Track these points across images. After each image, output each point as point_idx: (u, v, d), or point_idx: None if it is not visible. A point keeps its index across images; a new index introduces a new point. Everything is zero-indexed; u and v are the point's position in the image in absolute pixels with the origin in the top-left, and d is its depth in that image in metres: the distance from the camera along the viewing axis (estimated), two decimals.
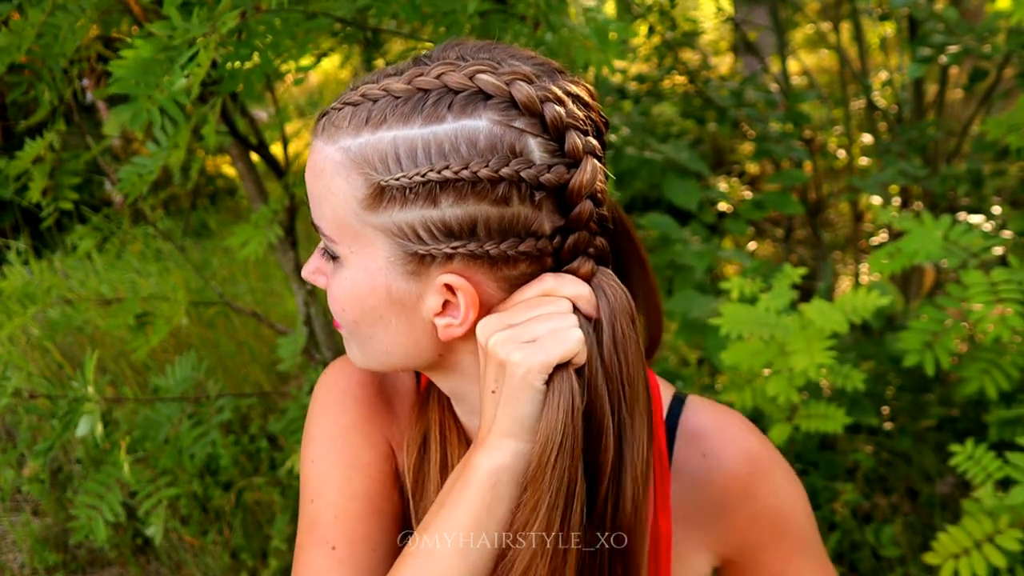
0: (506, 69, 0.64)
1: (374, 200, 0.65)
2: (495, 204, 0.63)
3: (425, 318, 0.69)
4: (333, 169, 0.66)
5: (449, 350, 0.72)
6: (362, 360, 0.75)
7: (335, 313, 0.72)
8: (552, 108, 0.64)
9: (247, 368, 3.15)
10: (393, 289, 0.68)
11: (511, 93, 0.63)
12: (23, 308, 1.79)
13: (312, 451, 0.83)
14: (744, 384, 1.70)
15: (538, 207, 0.65)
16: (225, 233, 4.24)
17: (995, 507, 1.46)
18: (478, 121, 0.63)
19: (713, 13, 4.70)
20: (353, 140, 0.65)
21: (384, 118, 0.64)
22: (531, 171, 0.63)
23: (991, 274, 1.57)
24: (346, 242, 0.68)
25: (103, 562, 2.56)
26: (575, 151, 0.64)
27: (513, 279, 0.67)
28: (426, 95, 0.64)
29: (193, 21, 1.10)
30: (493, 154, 0.63)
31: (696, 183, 2.80)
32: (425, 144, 0.63)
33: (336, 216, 0.67)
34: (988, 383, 1.66)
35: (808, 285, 3.20)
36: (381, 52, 2.65)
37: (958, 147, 3.14)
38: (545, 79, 0.66)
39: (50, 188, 1.82)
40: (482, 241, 0.64)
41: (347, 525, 0.79)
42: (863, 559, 2.18)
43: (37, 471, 2.77)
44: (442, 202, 0.63)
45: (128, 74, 1.10)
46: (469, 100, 0.63)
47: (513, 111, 0.63)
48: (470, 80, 0.63)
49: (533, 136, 0.64)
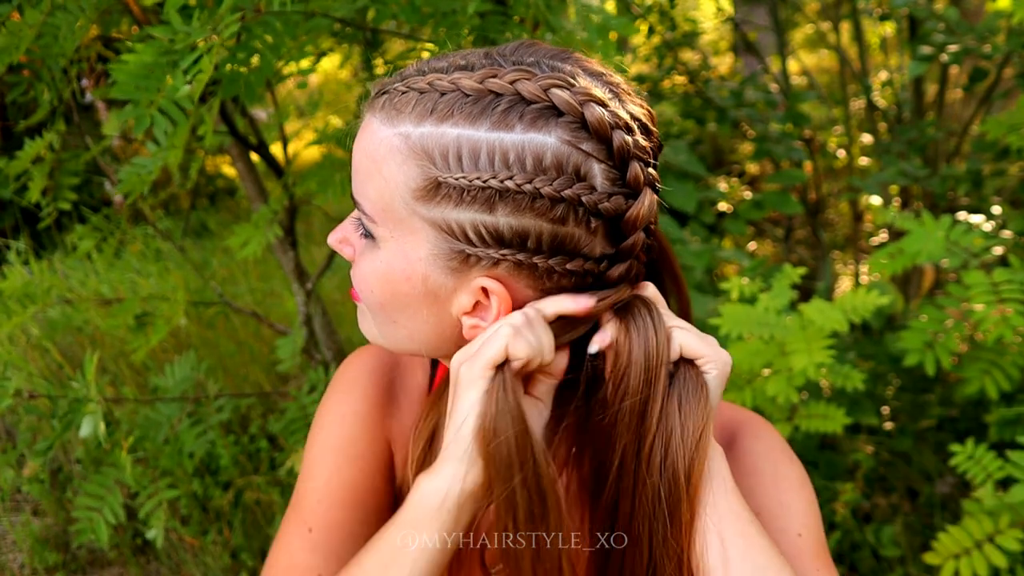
0: (580, 88, 0.63)
1: (428, 193, 0.64)
2: (551, 222, 0.63)
3: (453, 314, 0.69)
4: (388, 153, 0.65)
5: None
6: (377, 337, 0.75)
7: (360, 290, 0.72)
8: (620, 136, 0.63)
9: (247, 368, 3.15)
10: (430, 281, 0.67)
11: (584, 114, 0.62)
12: (23, 308, 1.79)
13: (315, 432, 0.86)
14: (744, 384, 1.70)
15: (593, 232, 0.65)
16: (225, 233, 4.25)
17: (995, 507, 1.46)
18: (547, 137, 0.62)
19: (713, 13, 4.70)
20: (415, 128, 0.64)
21: (451, 113, 0.63)
22: (592, 197, 0.63)
23: (993, 274, 1.57)
24: (387, 226, 0.67)
25: (103, 562, 2.56)
26: (636, 182, 0.64)
27: (552, 291, 0.68)
28: (497, 99, 0.63)
29: (194, 24, 1.10)
30: (558, 174, 0.62)
31: (694, 186, 2.81)
32: (490, 149, 0.62)
33: (382, 199, 0.66)
34: (989, 383, 1.66)
35: (808, 285, 3.20)
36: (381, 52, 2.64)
37: (958, 147, 3.14)
38: (616, 102, 0.65)
39: (50, 188, 1.82)
40: (531, 253, 0.64)
41: (328, 511, 0.81)
42: (863, 559, 2.18)
43: (37, 471, 2.77)
44: (499, 210, 0.63)
45: (129, 79, 1.10)
46: (541, 114, 0.62)
47: (583, 133, 0.63)
48: (544, 93, 0.62)
49: (598, 162, 0.63)
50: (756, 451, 0.82)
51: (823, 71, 5.76)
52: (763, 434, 0.83)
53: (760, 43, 4.42)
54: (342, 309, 3.48)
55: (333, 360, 2.16)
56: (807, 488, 0.81)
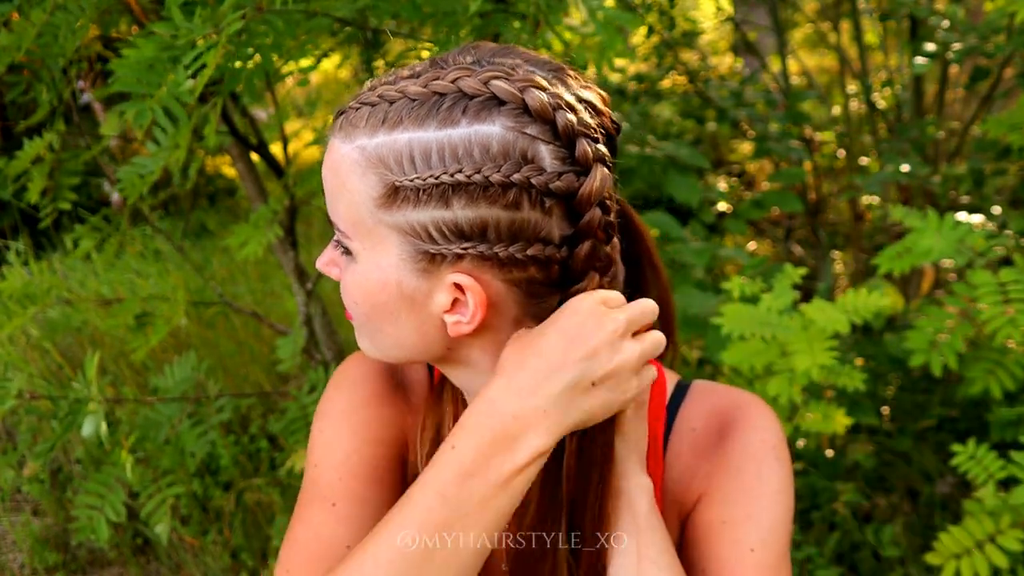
0: (520, 76, 0.65)
1: (388, 199, 0.66)
2: (505, 208, 0.64)
3: (434, 314, 0.70)
4: (349, 167, 0.67)
5: (457, 345, 0.73)
6: (373, 351, 0.76)
7: (348, 305, 0.74)
8: (564, 116, 0.65)
9: (247, 368, 3.15)
10: (404, 285, 0.69)
11: (524, 100, 0.64)
12: (23, 308, 1.79)
13: (321, 422, 0.85)
14: (745, 384, 1.70)
15: (548, 213, 0.66)
16: (225, 233, 4.24)
17: (997, 507, 1.46)
18: (491, 127, 0.64)
19: (713, 13, 4.70)
20: (369, 140, 0.66)
21: (400, 119, 0.65)
22: (541, 178, 0.64)
23: (999, 274, 1.57)
24: (359, 238, 0.69)
25: (103, 562, 2.55)
26: (585, 159, 0.65)
27: (523, 282, 0.68)
28: (441, 99, 0.65)
29: (195, 21, 1.10)
30: (505, 160, 0.64)
31: (697, 179, 2.81)
32: (439, 147, 0.64)
33: (351, 213, 0.68)
34: (993, 383, 1.65)
35: (808, 285, 3.20)
36: (381, 52, 2.64)
37: (959, 147, 3.14)
38: (559, 86, 0.67)
39: (49, 188, 1.82)
40: (492, 243, 0.65)
41: (350, 485, 0.80)
42: (863, 559, 2.18)
43: (37, 471, 2.76)
44: (454, 204, 0.64)
45: (130, 73, 1.10)
46: (483, 106, 0.64)
47: (526, 117, 0.64)
48: (484, 86, 0.64)
49: (544, 143, 0.65)
50: (748, 445, 0.81)
51: (823, 71, 5.76)
52: (760, 424, 0.82)
53: (760, 43, 4.42)
54: (342, 309, 3.47)
55: (333, 360, 2.16)
56: (783, 496, 0.79)
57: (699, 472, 0.81)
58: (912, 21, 3.05)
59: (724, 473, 0.80)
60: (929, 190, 2.83)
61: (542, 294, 0.70)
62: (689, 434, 0.83)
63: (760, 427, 0.81)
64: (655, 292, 0.85)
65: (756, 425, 0.81)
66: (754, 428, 0.81)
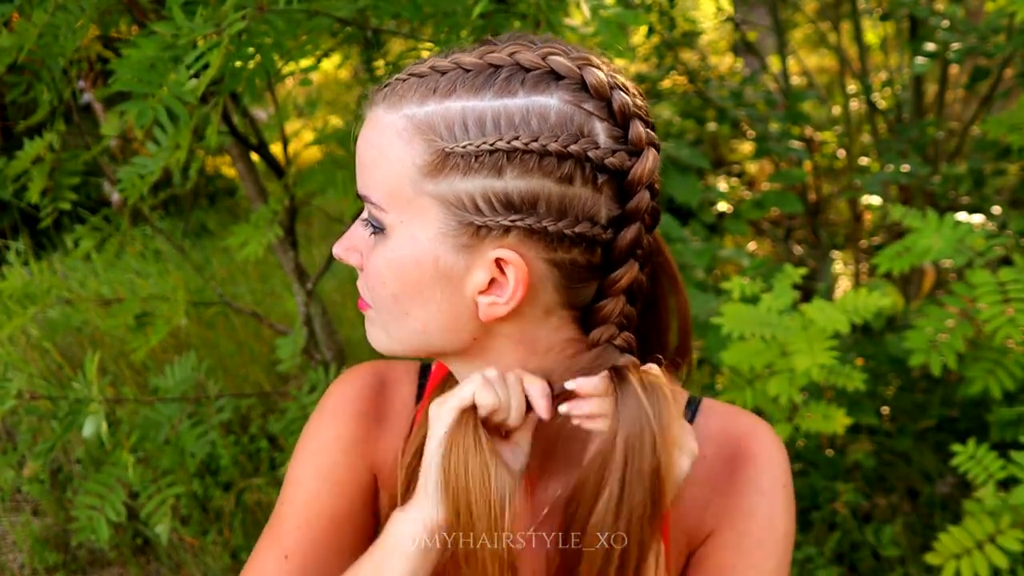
0: (577, 54, 0.66)
1: (435, 167, 0.64)
2: (559, 182, 0.64)
3: (468, 296, 0.68)
4: (393, 134, 0.66)
5: (485, 332, 0.71)
6: (387, 343, 0.74)
7: (372, 288, 0.71)
8: (620, 95, 0.65)
9: (247, 368, 3.15)
10: (441, 262, 0.67)
11: (583, 76, 0.64)
12: (23, 308, 1.79)
13: (297, 454, 0.86)
14: (745, 384, 1.70)
15: (599, 191, 0.65)
16: (225, 233, 4.24)
17: (997, 507, 1.46)
18: (550, 99, 0.64)
19: (713, 13, 4.70)
20: (419, 108, 0.65)
21: (453, 88, 0.64)
22: (597, 152, 0.64)
23: (999, 274, 1.57)
24: (396, 210, 0.67)
25: (103, 562, 2.55)
26: (638, 140, 0.66)
27: (565, 264, 0.67)
28: (497, 71, 0.64)
29: (197, 20, 1.10)
30: (563, 131, 0.63)
31: (697, 180, 2.81)
32: (495, 115, 0.63)
33: (389, 182, 0.67)
34: (993, 383, 1.66)
35: (808, 285, 3.20)
36: (381, 52, 2.64)
37: (959, 147, 3.14)
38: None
39: (49, 188, 1.82)
40: (541, 217, 0.64)
41: (305, 537, 0.81)
42: (863, 559, 2.18)
43: (37, 471, 2.76)
44: (507, 173, 0.63)
45: (131, 72, 1.10)
46: (541, 78, 0.64)
47: (583, 93, 0.64)
48: (543, 60, 0.64)
49: (600, 120, 0.65)
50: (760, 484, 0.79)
51: (823, 71, 5.76)
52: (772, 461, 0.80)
53: (760, 43, 4.42)
54: (342, 310, 3.48)
55: (333, 360, 2.16)
56: (789, 537, 0.80)
57: (710, 506, 0.80)
58: (912, 21, 3.06)
59: (736, 514, 0.79)
60: (929, 190, 2.83)
61: (582, 278, 0.69)
62: (700, 462, 0.80)
63: (771, 462, 0.80)
64: (674, 301, 0.83)
65: (768, 460, 0.80)
66: (766, 465, 0.80)
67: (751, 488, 0.79)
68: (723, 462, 0.81)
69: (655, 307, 0.82)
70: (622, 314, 0.70)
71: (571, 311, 0.71)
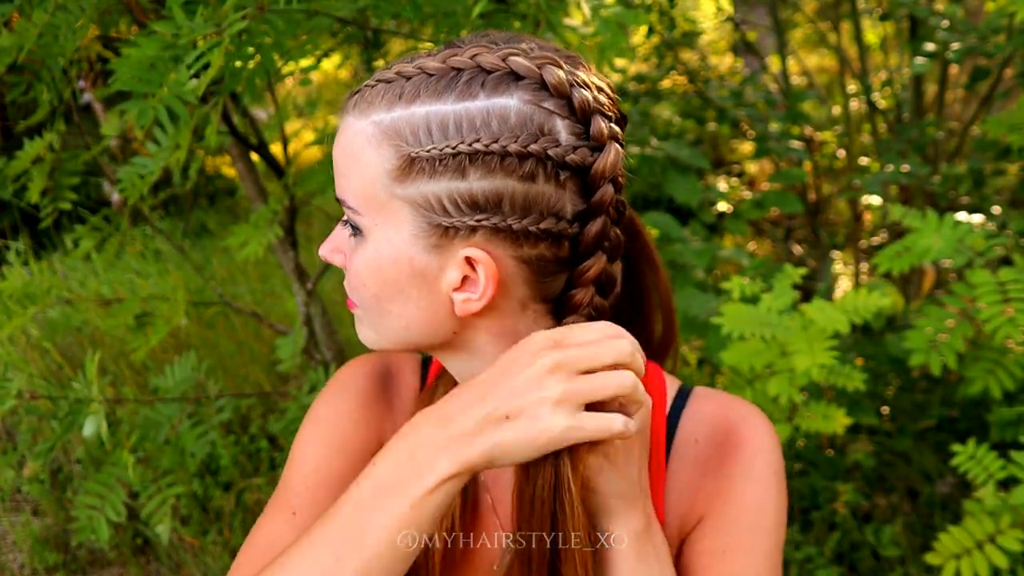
0: (538, 54, 0.67)
1: (403, 171, 0.66)
2: (521, 180, 0.65)
3: (444, 292, 0.70)
4: (364, 141, 0.68)
5: (464, 327, 0.73)
6: (376, 340, 0.76)
7: (355, 289, 0.73)
8: (580, 92, 0.66)
9: (247, 368, 3.15)
10: (415, 262, 0.69)
11: (542, 76, 0.65)
12: (23, 308, 1.79)
13: (304, 428, 0.88)
14: (745, 384, 1.70)
15: (562, 187, 0.67)
16: (225, 233, 4.24)
17: (997, 507, 1.46)
18: (509, 99, 0.65)
19: (713, 13, 4.70)
20: (386, 114, 0.67)
21: (417, 94, 0.66)
22: (558, 150, 0.65)
23: (999, 274, 1.57)
24: (371, 214, 0.69)
25: (103, 562, 2.55)
26: (600, 135, 0.67)
27: (533, 260, 0.69)
28: (459, 73, 0.66)
29: (197, 20, 1.10)
30: (522, 131, 0.65)
31: (697, 180, 2.81)
32: (457, 118, 0.65)
33: (363, 187, 0.69)
34: (993, 383, 1.66)
35: (808, 285, 3.20)
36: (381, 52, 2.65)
37: (959, 147, 3.14)
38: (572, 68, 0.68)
39: (49, 188, 1.82)
40: (506, 216, 0.66)
41: (314, 496, 0.82)
42: (863, 559, 2.18)
43: (37, 471, 2.76)
44: (470, 175, 0.65)
45: (131, 72, 1.10)
46: (501, 80, 0.66)
47: (543, 92, 0.66)
48: (503, 61, 0.66)
49: (561, 118, 0.66)
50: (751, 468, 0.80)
51: (823, 71, 5.76)
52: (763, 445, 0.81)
53: (760, 43, 4.43)
54: (342, 309, 3.48)
55: (333, 360, 2.16)
56: (780, 523, 0.80)
57: (702, 490, 0.81)
58: (912, 21, 3.06)
59: (727, 497, 0.79)
60: (929, 190, 2.83)
61: (551, 272, 0.70)
62: (692, 447, 0.82)
63: (763, 448, 0.81)
64: (655, 290, 0.85)
65: (759, 446, 0.81)
66: (758, 450, 0.81)
67: (743, 473, 0.80)
68: (715, 447, 0.82)
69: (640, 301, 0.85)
70: (591, 304, 0.72)
71: (545, 304, 0.73)
